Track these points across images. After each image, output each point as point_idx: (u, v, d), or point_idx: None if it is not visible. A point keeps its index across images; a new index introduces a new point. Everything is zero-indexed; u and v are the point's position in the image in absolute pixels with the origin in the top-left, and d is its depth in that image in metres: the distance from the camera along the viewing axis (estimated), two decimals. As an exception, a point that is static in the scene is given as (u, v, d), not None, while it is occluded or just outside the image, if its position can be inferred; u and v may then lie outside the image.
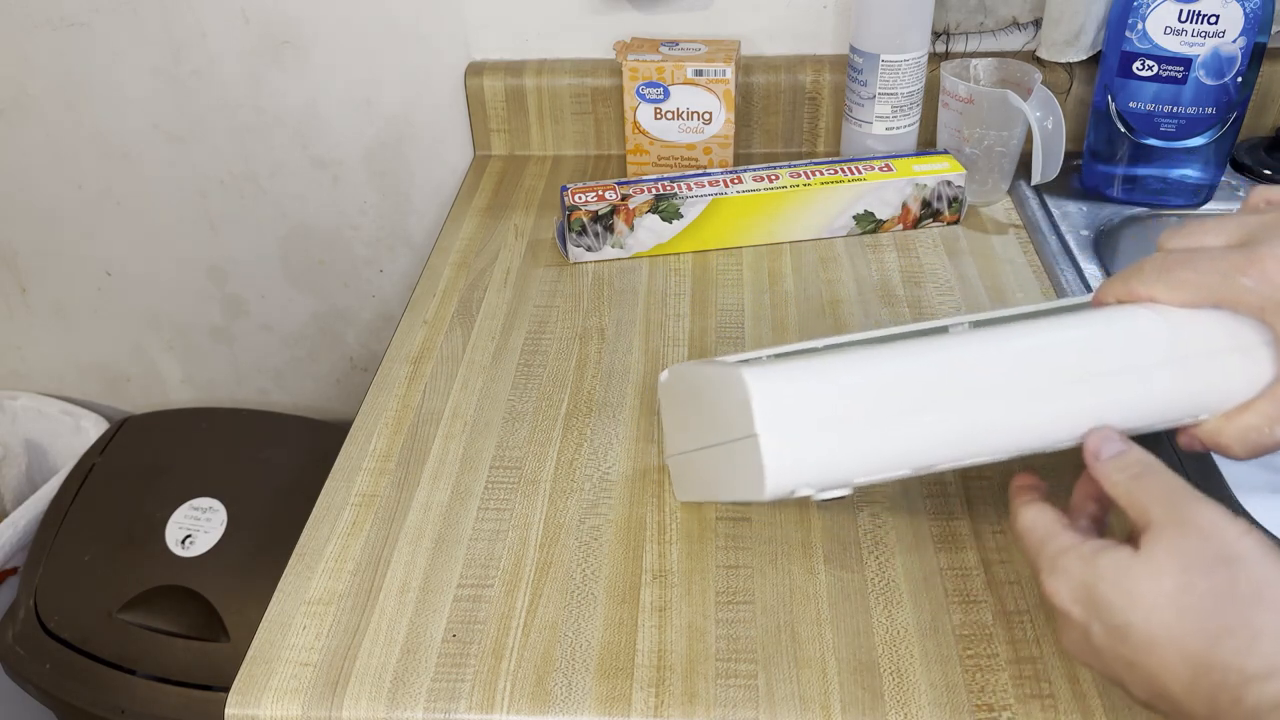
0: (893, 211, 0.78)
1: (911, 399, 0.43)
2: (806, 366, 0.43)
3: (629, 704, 0.45)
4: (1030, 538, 0.41)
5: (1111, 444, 0.42)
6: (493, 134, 0.92)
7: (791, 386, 0.42)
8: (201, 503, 0.96)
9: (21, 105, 0.98)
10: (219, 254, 1.07)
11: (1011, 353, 0.44)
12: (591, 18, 0.89)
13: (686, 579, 0.51)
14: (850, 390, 0.42)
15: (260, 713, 0.46)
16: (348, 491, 0.57)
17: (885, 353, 0.44)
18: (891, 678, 0.46)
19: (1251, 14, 0.71)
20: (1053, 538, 0.40)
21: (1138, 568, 0.37)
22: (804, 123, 0.90)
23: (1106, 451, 0.42)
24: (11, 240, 1.07)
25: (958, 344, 0.44)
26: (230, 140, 0.98)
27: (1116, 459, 0.41)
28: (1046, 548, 0.40)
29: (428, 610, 0.50)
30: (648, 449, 0.59)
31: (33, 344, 1.16)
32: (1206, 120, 0.75)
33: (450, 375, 0.66)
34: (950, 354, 0.44)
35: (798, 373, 0.43)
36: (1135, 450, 0.41)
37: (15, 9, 0.92)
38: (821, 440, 0.42)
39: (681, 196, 0.75)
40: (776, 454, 0.41)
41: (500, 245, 0.79)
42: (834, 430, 0.42)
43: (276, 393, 1.18)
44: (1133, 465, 0.41)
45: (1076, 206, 0.80)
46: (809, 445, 0.42)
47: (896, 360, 0.43)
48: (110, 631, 0.89)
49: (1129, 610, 0.36)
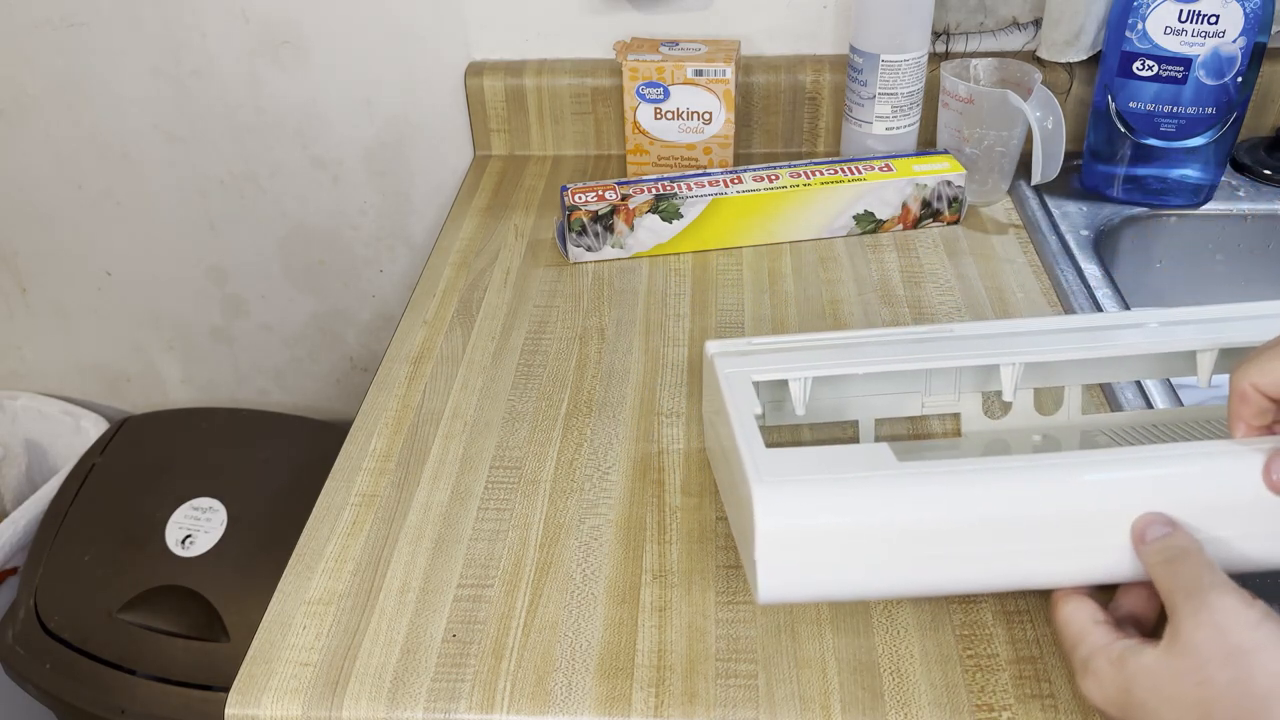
0: (893, 211, 0.78)
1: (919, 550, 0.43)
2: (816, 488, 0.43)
3: (629, 704, 0.45)
4: (1066, 633, 0.42)
5: (1157, 527, 0.42)
6: (493, 134, 0.92)
7: (795, 524, 0.43)
8: (201, 503, 0.96)
9: (21, 105, 0.98)
10: (219, 254, 1.07)
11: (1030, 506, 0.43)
12: (591, 18, 0.89)
13: (686, 579, 0.51)
14: (857, 533, 0.43)
15: (260, 713, 0.46)
16: (348, 491, 0.57)
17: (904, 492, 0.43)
18: (891, 678, 0.46)
19: (1251, 14, 0.71)
20: (1086, 636, 0.41)
21: (1160, 667, 0.37)
22: (804, 123, 0.90)
23: (1151, 534, 0.42)
24: (11, 240, 1.07)
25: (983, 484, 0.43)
26: (230, 140, 0.98)
27: (1159, 542, 0.41)
28: (1080, 649, 0.41)
29: (428, 610, 0.50)
30: (648, 449, 0.59)
31: (33, 344, 1.16)
32: (1206, 120, 0.75)
33: (450, 375, 0.66)
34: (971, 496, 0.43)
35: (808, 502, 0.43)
36: (1180, 534, 0.41)
37: (15, 9, 0.92)
38: (808, 579, 0.43)
39: (681, 196, 0.75)
40: (766, 582, 0.43)
41: (500, 245, 0.79)
42: (833, 571, 0.43)
43: (276, 393, 1.18)
44: (1170, 549, 0.41)
45: (1076, 206, 0.80)
46: (796, 581, 0.43)
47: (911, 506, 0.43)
48: (110, 631, 0.89)
49: (1159, 711, 0.37)
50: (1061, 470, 0.44)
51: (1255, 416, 0.42)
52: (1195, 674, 0.36)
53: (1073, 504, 0.43)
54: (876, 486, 0.43)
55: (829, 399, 0.57)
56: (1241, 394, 0.42)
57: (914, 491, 0.43)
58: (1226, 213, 0.80)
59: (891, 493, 0.43)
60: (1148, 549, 0.41)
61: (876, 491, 0.43)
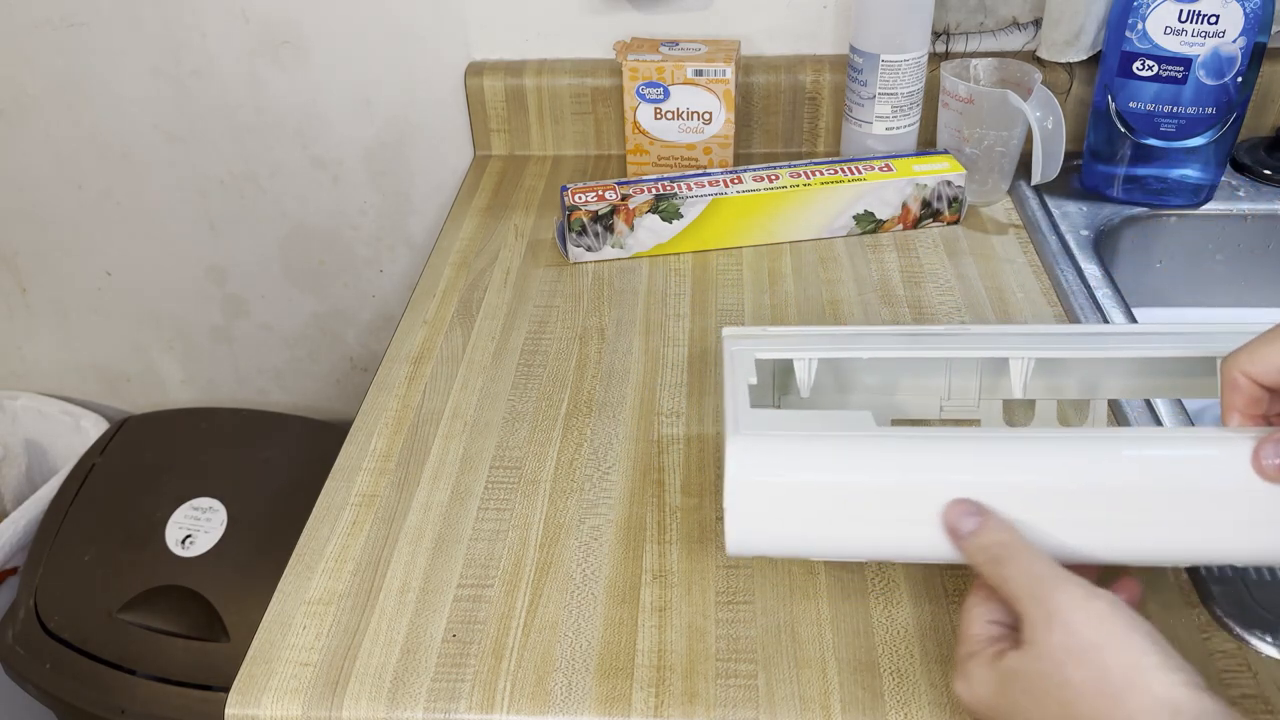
0: (893, 211, 0.78)
1: (884, 507, 0.43)
2: (788, 443, 0.44)
3: (629, 704, 0.45)
4: (958, 631, 0.42)
5: (968, 520, 0.41)
6: (493, 134, 0.92)
7: (765, 463, 0.43)
8: (201, 503, 0.96)
9: (21, 105, 0.98)
10: (219, 254, 1.07)
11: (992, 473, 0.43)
12: (591, 18, 0.89)
13: (686, 579, 0.51)
14: (823, 485, 0.43)
15: (260, 713, 0.46)
16: (348, 491, 0.57)
17: (875, 454, 0.43)
18: (891, 678, 0.46)
19: (1251, 14, 0.71)
20: (970, 637, 0.41)
21: (1023, 670, 0.37)
22: (804, 123, 0.90)
23: (964, 528, 0.41)
24: (11, 240, 1.07)
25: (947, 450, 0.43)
26: (230, 140, 0.98)
27: (974, 538, 0.41)
28: (961, 648, 0.41)
29: (428, 610, 0.50)
30: (648, 449, 0.59)
31: (33, 344, 1.16)
32: (1206, 120, 0.75)
33: (450, 375, 0.66)
34: (936, 460, 0.43)
35: (776, 449, 0.43)
36: (992, 525, 0.40)
37: (15, 9, 0.92)
38: (773, 532, 0.44)
39: (681, 196, 0.75)
40: (733, 531, 0.44)
41: (500, 245, 0.79)
42: (799, 525, 0.44)
43: (276, 393, 1.18)
44: (991, 547, 0.40)
45: (1076, 206, 0.80)
46: (761, 533, 0.44)
47: (875, 463, 0.43)
48: (110, 631, 0.89)
49: (1028, 712, 0.37)
50: (1031, 443, 0.43)
51: (1249, 405, 0.41)
52: (1054, 675, 0.36)
53: (1040, 478, 0.42)
54: (847, 445, 0.44)
55: (845, 400, 0.56)
56: (1232, 382, 0.42)
57: (884, 454, 0.43)
58: (1226, 213, 0.80)
59: (861, 453, 0.43)
60: (968, 546, 0.41)
61: (846, 450, 0.43)
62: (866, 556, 0.46)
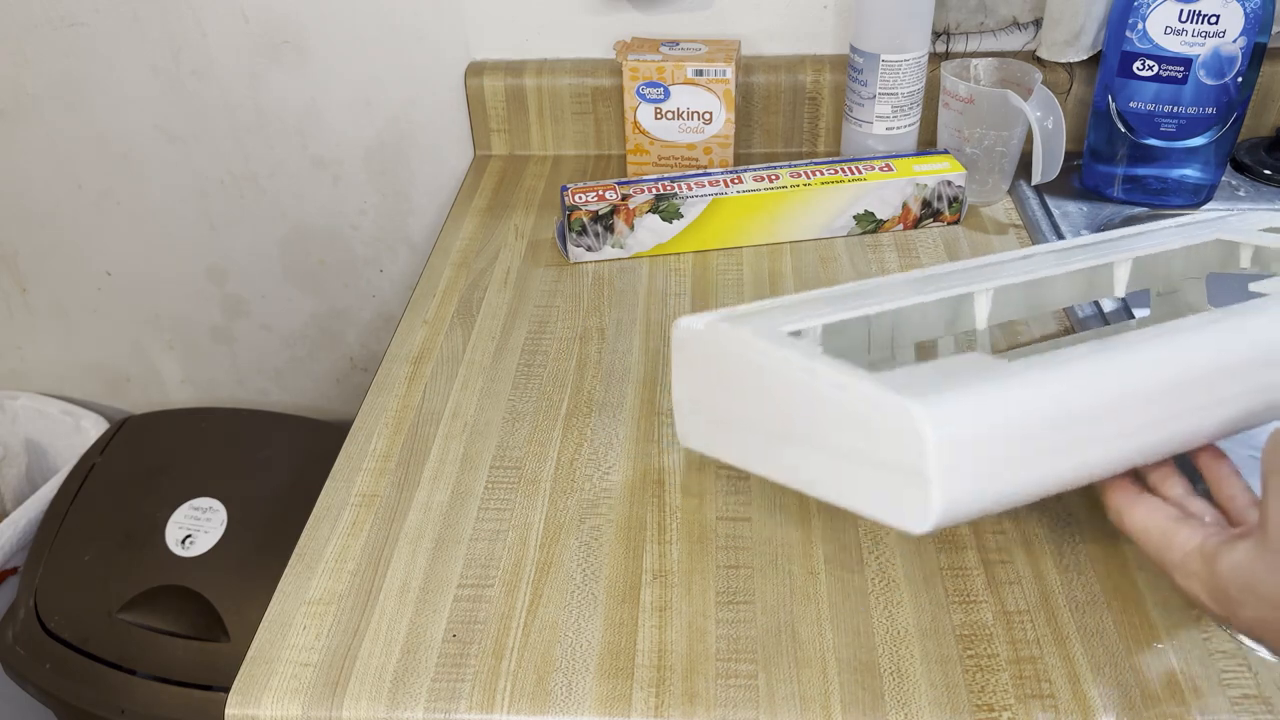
0: (893, 211, 0.78)
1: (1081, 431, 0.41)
2: (979, 399, 0.40)
3: (629, 704, 0.45)
4: (1149, 539, 0.42)
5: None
6: (493, 134, 0.92)
7: (976, 427, 0.39)
8: (201, 503, 0.96)
9: (21, 105, 0.98)
10: (219, 254, 1.07)
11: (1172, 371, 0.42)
12: (591, 18, 0.89)
13: (686, 579, 0.51)
14: (1039, 424, 0.40)
15: (260, 713, 0.46)
16: (348, 491, 0.57)
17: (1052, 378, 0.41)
18: (891, 678, 0.46)
19: (1252, 14, 0.71)
20: (1173, 538, 0.41)
21: (1252, 561, 0.37)
22: (804, 123, 0.90)
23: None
24: (11, 240, 1.07)
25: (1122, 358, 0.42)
26: (230, 140, 0.98)
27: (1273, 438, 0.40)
28: (1170, 552, 0.41)
29: (428, 610, 0.50)
30: (648, 449, 0.59)
31: (33, 344, 1.16)
32: (1207, 120, 0.75)
33: (450, 375, 0.66)
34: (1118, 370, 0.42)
35: (971, 411, 0.39)
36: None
37: (15, 9, 0.92)
38: (982, 489, 0.40)
39: (681, 196, 0.75)
40: (942, 503, 0.38)
41: (500, 245, 0.79)
42: (999, 478, 0.40)
43: (276, 393, 1.18)
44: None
45: (1076, 206, 0.80)
46: (970, 493, 0.39)
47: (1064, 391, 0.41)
48: (110, 631, 0.89)
49: (1258, 606, 0.37)
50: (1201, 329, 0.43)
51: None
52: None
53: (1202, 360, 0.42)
54: (1021, 380, 0.41)
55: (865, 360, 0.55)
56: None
57: (1060, 377, 0.41)
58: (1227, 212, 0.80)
59: (1040, 382, 0.41)
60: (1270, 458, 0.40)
61: (1023, 385, 0.40)
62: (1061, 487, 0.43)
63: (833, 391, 0.42)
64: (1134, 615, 0.48)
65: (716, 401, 0.51)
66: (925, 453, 0.38)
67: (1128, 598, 0.49)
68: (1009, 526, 0.53)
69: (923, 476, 0.38)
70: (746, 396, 0.49)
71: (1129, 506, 0.43)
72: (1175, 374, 0.42)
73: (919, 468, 0.38)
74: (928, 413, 0.38)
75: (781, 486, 0.56)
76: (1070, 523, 0.53)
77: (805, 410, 0.44)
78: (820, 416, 0.43)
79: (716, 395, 0.51)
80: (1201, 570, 0.40)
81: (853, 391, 0.41)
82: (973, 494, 0.39)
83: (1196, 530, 0.41)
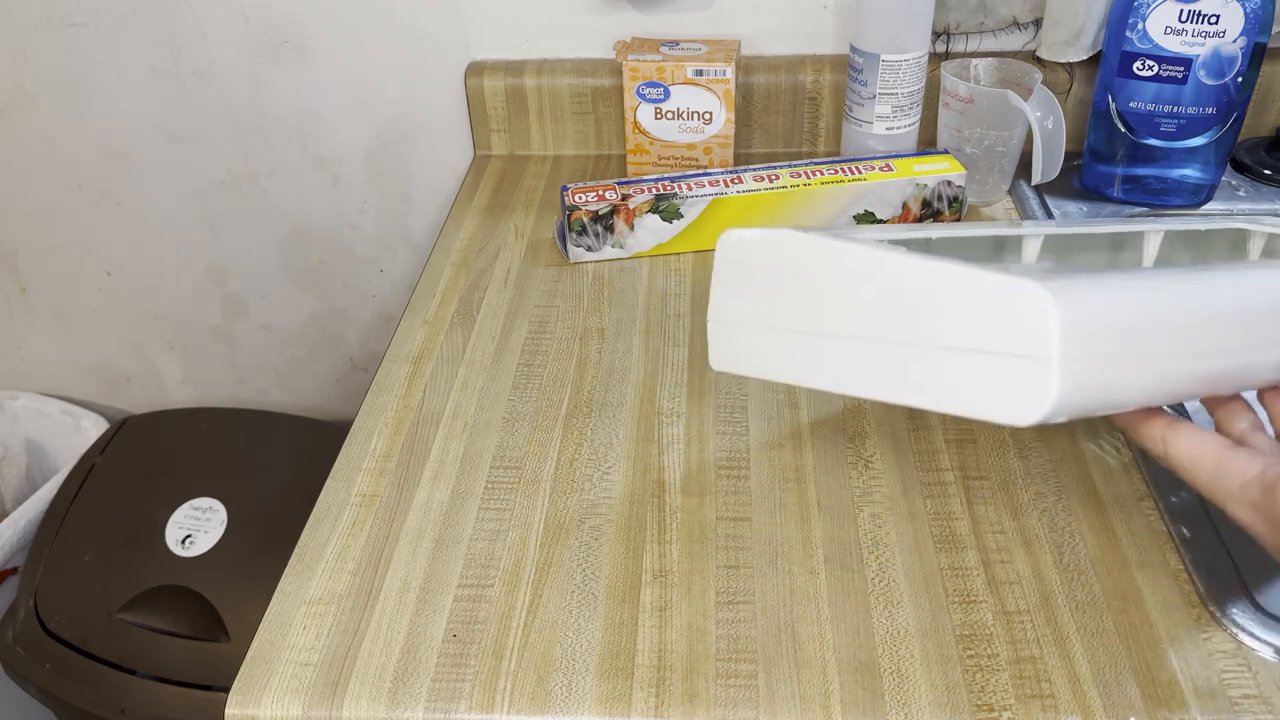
0: (893, 211, 0.78)
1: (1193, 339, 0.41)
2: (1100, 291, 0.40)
3: (629, 704, 0.45)
4: (1199, 469, 0.41)
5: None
6: (493, 134, 0.92)
7: (1093, 315, 0.39)
8: (201, 503, 0.96)
9: (21, 105, 0.98)
10: (219, 254, 1.07)
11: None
12: (591, 18, 0.89)
13: (686, 579, 0.51)
14: (1142, 325, 0.40)
15: (260, 713, 0.46)
16: (348, 491, 0.57)
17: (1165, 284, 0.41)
18: (891, 678, 0.46)
19: (1252, 14, 0.71)
20: (1228, 467, 0.40)
21: None
22: (804, 123, 0.90)
23: None
24: (11, 240, 1.07)
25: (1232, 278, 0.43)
26: (230, 140, 0.98)
27: None
28: (1224, 481, 0.40)
29: (428, 610, 0.50)
30: (648, 449, 0.59)
31: (33, 344, 1.16)
32: (1207, 120, 0.75)
33: (450, 375, 0.66)
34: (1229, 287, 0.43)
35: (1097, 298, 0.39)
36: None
37: (15, 9, 0.92)
38: (1104, 375, 0.39)
39: (681, 196, 0.75)
40: (1066, 386, 0.38)
41: (500, 245, 0.79)
42: (1119, 366, 0.39)
43: (276, 393, 1.18)
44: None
45: (1077, 206, 0.80)
46: (1087, 382, 0.39)
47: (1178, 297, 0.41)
48: (110, 631, 0.89)
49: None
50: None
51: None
52: None
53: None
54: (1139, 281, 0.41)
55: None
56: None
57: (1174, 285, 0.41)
58: (1227, 213, 0.80)
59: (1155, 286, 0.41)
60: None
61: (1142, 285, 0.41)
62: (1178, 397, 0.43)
63: (948, 283, 0.42)
64: (1134, 615, 0.48)
65: (773, 313, 0.50)
66: (1049, 334, 0.37)
67: (1128, 598, 0.49)
68: (1009, 526, 0.53)
69: (1044, 359, 0.38)
70: (823, 303, 0.47)
71: (1174, 435, 0.41)
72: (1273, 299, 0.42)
73: (1041, 351, 0.38)
74: (1054, 296, 0.38)
75: (782, 485, 0.56)
76: (1070, 523, 0.53)
77: (904, 309, 0.44)
78: (925, 314, 0.43)
79: (774, 306, 0.50)
80: (1262, 500, 0.38)
81: (975, 281, 0.41)
82: (1088, 384, 0.39)
83: (1255, 459, 0.39)
